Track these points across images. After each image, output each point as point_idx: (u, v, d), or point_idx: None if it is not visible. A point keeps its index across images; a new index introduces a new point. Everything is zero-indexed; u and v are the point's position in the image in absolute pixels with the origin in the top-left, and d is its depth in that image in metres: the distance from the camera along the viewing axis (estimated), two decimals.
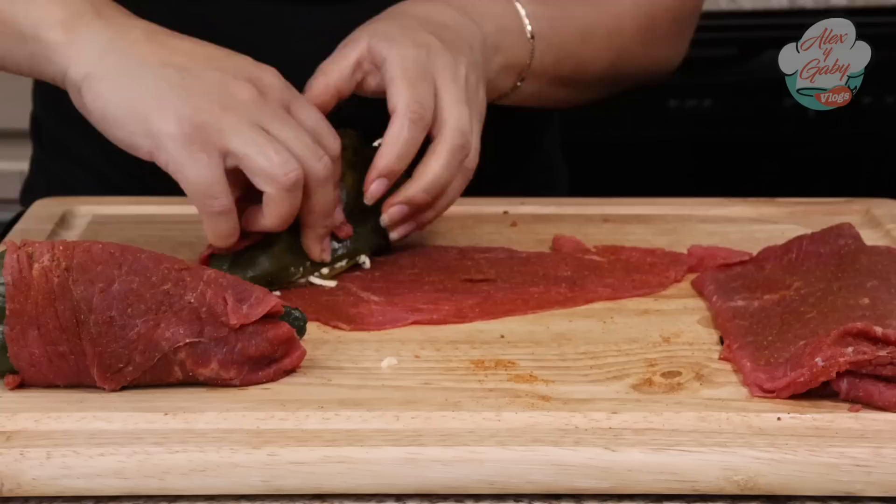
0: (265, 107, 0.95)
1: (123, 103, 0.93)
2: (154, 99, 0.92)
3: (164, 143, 0.92)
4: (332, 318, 0.94)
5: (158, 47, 0.95)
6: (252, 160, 0.92)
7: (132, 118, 0.93)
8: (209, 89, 0.93)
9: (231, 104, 0.93)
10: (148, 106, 0.92)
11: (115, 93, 0.93)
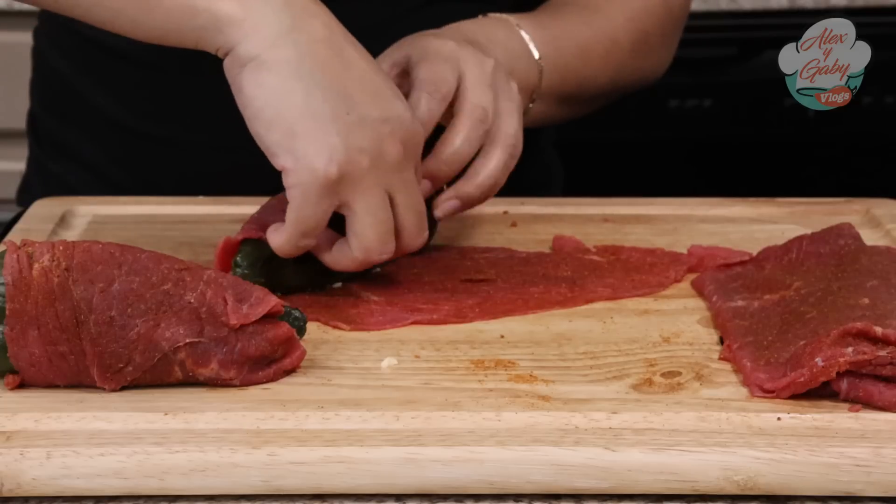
0: (403, 172, 0.93)
1: (282, 109, 0.89)
2: (313, 122, 0.89)
3: (301, 172, 0.89)
4: (332, 318, 0.94)
5: (334, 56, 0.92)
6: (361, 226, 0.92)
7: (283, 129, 0.89)
8: (365, 139, 0.91)
9: (378, 164, 0.91)
10: (304, 128, 0.89)
11: (276, 93, 0.89)
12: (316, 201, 0.90)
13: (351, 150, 0.90)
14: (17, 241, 0.83)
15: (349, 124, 0.90)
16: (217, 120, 1.21)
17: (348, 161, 0.90)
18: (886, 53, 1.50)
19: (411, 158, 0.94)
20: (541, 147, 1.37)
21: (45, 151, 1.32)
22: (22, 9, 1.98)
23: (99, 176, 1.28)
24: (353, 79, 0.92)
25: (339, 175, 0.89)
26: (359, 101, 0.91)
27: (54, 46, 1.28)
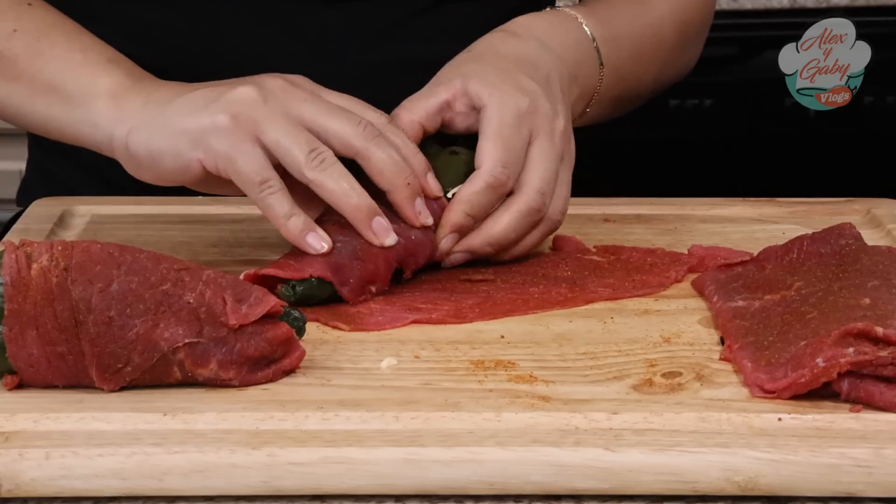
0: (298, 93, 0.96)
1: (165, 132, 0.96)
2: (191, 114, 0.96)
3: (210, 144, 0.94)
4: (332, 318, 0.94)
5: (185, 87, 0.99)
6: (285, 151, 0.94)
7: (176, 139, 0.96)
8: (238, 88, 0.96)
9: (265, 94, 0.95)
10: (187, 121, 0.96)
11: (156, 128, 0.97)
12: (236, 152, 0.94)
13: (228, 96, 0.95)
14: (16, 241, 0.83)
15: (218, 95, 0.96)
16: None
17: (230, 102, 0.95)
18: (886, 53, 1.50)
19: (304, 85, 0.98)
20: None
21: (46, 153, 1.32)
22: None
23: (98, 174, 1.27)
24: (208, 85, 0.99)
25: (230, 116, 0.94)
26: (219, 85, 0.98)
27: None
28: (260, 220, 1.14)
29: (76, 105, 1.01)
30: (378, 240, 0.96)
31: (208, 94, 0.97)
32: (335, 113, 0.96)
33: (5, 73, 1.04)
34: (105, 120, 0.99)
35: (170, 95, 0.99)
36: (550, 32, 1.10)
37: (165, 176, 0.98)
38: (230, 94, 0.95)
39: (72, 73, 1.02)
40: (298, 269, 0.95)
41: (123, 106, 0.99)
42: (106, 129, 0.99)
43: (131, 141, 0.97)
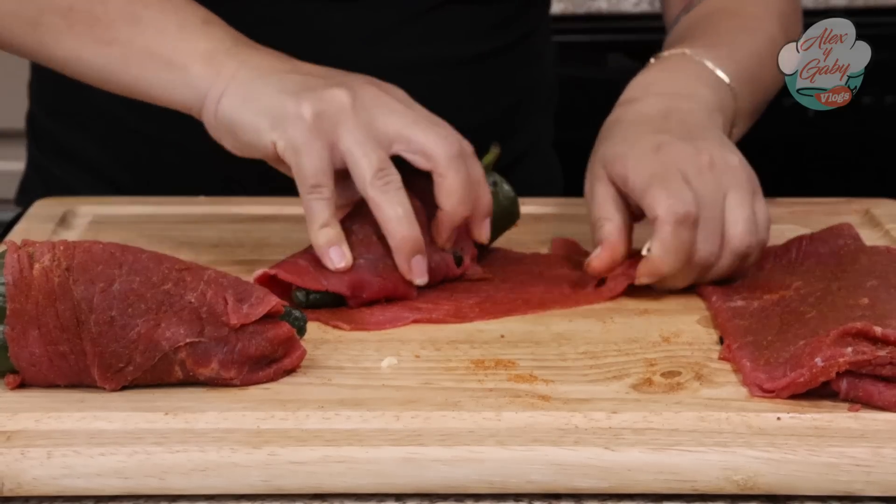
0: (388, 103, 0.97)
1: (252, 105, 0.97)
2: (280, 95, 0.97)
3: (287, 130, 0.95)
4: (332, 317, 0.94)
5: (283, 62, 1.00)
6: (354, 162, 0.95)
7: (260, 116, 0.97)
8: (334, 83, 0.97)
9: (356, 99, 0.96)
10: (275, 102, 0.97)
11: (245, 99, 0.98)
12: (307, 148, 0.94)
13: (320, 92, 0.96)
14: (18, 241, 0.83)
15: (311, 86, 0.97)
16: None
17: (320, 99, 0.96)
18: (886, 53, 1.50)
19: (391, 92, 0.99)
20: (541, 147, 1.37)
21: (45, 153, 1.32)
22: None
23: (98, 174, 1.27)
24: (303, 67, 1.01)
25: (313, 113, 0.95)
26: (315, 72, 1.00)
27: None
28: (261, 221, 1.15)
29: (173, 69, 1.01)
30: (411, 276, 0.97)
31: (304, 81, 0.98)
32: (422, 124, 0.97)
33: (100, 38, 1.03)
34: (201, 82, 1.00)
35: (266, 67, 0.99)
36: (679, 88, 1.07)
37: (243, 147, 0.99)
38: (324, 92, 0.96)
39: (168, 38, 1.01)
40: (316, 279, 0.95)
41: (219, 69, 0.99)
42: (200, 91, 1.00)
43: (222, 105, 0.98)
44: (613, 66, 2.00)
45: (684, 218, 0.95)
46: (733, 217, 0.97)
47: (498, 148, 1.05)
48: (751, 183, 0.99)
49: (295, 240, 1.09)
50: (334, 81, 0.98)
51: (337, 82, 0.98)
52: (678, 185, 0.96)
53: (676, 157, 0.98)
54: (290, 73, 0.99)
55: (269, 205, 1.18)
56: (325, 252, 0.96)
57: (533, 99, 1.33)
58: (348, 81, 0.98)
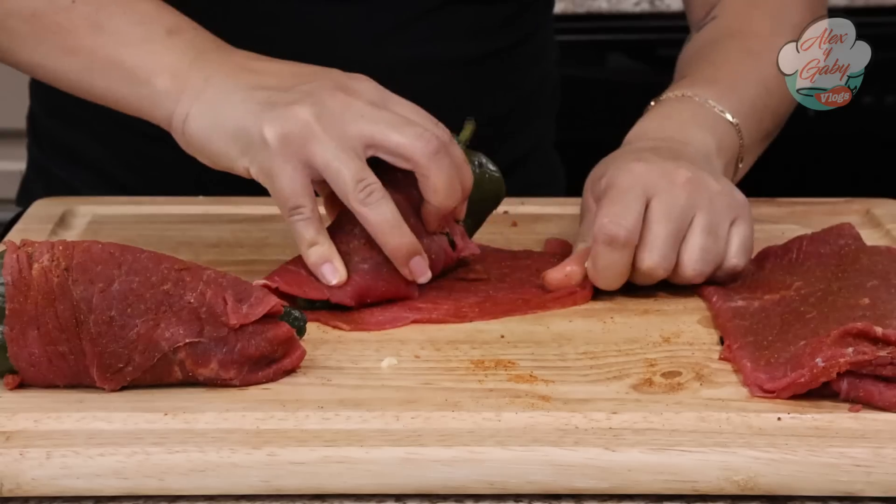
0: (356, 107, 0.95)
1: (219, 131, 0.96)
2: (245, 120, 0.95)
3: (256, 157, 0.94)
4: (332, 318, 0.94)
5: (248, 74, 0.98)
6: (334, 176, 0.94)
7: (229, 143, 0.96)
8: (298, 99, 0.95)
9: (320, 113, 0.94)
10: (240, 127, 0.95)
11: (212, 125, 0.96)
12: (278, 171, 0.94)
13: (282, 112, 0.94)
14: (17, 241, 0.83)
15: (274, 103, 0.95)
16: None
17: (284, 119, 0.94)
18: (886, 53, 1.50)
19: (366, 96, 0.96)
20: (542, 148, 1.37)
21: (46, 153, 1.32)
22: None
23: (99, 173, 1.27)
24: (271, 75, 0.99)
25: (279, 135, 0.93)
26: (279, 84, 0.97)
27: None
28: (261, 221, 1.14)
29: (137, 82, 1.00)
30: (413, 277, 0.97)
31: (268, 98, 0.96)
32: (395, 125, 0.95)
33: (64, 46, 1.02)
34: (166, 99, 0.98)
35: (230, 83, 0.98)
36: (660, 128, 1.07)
37: (219, 168, 0.98)
38: (286, 111, 0.94)
39: (132, 50, 1.00)
40: (319, 289, 0.95)
41: (183, 86, 0.98)
42: (166, 109, 0.98)
43: (188, 127, 0.97)
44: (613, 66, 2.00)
45: (611, 240, 0.95)
46: (690, 243, 0.97)
47: (473, 122, 1.03)
48: (730, 209, 0.98)
49: (295, 240, 1.09)
50: (298, 95, 0.96)
51: (300, 95, 0.95)
52: (624, 204, 0.96)
53: (650, 172, 0.97)
54: (254, 89, 0.97)
55: (269, 205, 1.17)
56: (317, 269, 0.95)
57: (536, 99, 1.33)
58: (314, 91, 0.96)
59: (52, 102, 1.30)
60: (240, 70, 0.99)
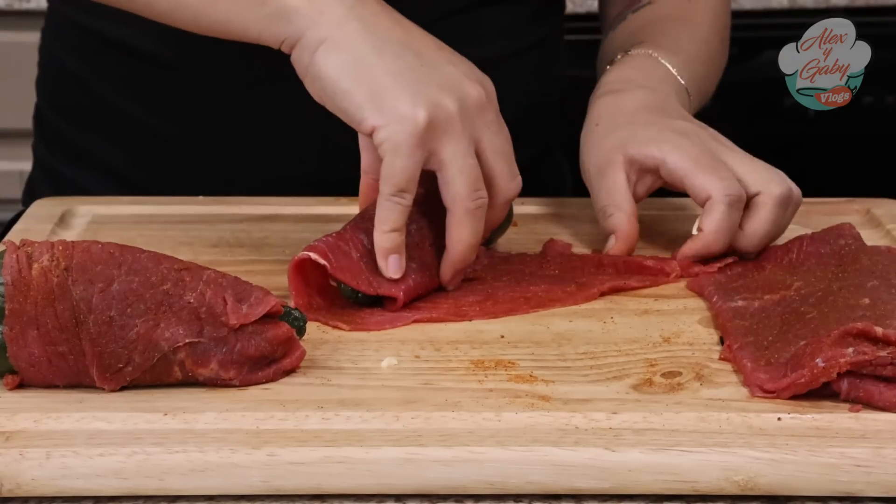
0: (487, 115, 0.96)
1: (358, 76, 0.93)
2: (391, 77, 0.93)
3: (391, 125, 0.92)
4: (332, 317, 0.94)
5: (395, 24, 0.96)
6: (451, 174, 0.93)
7: (365, 91, 0.92)
8: (445, 84, 0.94)
9: (462, 108, 0.94)
10: (384, 83, 0.92)
11: (351, 64, 0.93)
12: (408, 152, 0.92)
13: (434, 95, 0.93)
14: (17, 241, 0.83)
15: (425, 74, 0.93)
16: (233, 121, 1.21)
17: (434, 105, 0.92)
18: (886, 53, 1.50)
19: (492, 101, 0.97)
20: (551, 153, 1.37)
21: (55, 154, 1.32)
22: (22, 8, 1.98)
23: (105, 168, 1.27)
24: (416, 38, 0.96)
25: (427, 120, 0.92)
26: (428, 53, 0.95)
27: (68, 47, 1.28)
28: (261, 221, 1.14)
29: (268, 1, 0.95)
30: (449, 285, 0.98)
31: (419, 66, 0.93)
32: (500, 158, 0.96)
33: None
34: (299, 17, 0.94)
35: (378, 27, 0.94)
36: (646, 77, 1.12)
37: (330, 106, 0.94)
38: (436, 95, 0.92)
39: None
40: (370, 284, 0.94)
41: (322, 7, 0.94)
42: (298, 27, 0.94)
43: (320, 58, 0.93)
44: None
45: (737, 200, 1.01)
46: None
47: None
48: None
49: (294, 240, 1.09)
50: (446, 79, 0.94)
51: (449, 81, 0.94)
52: (725, 169, 1.02)
53: (707, 142, 1.04)
54: (405, 46, 0.94)
55: (268, 205, 1.18)
56: (383, 256, 0.94)
57: (548, 103, 1.33)
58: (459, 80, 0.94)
59: (62, 102, 1.30)
60: (387, 17, 0.96)
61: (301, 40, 0.94)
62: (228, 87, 1.20)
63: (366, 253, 0.95)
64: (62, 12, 1.27)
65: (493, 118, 0.96)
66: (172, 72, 1.21)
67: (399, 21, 0.97)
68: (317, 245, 0.94)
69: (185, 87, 1.21)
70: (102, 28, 1.22)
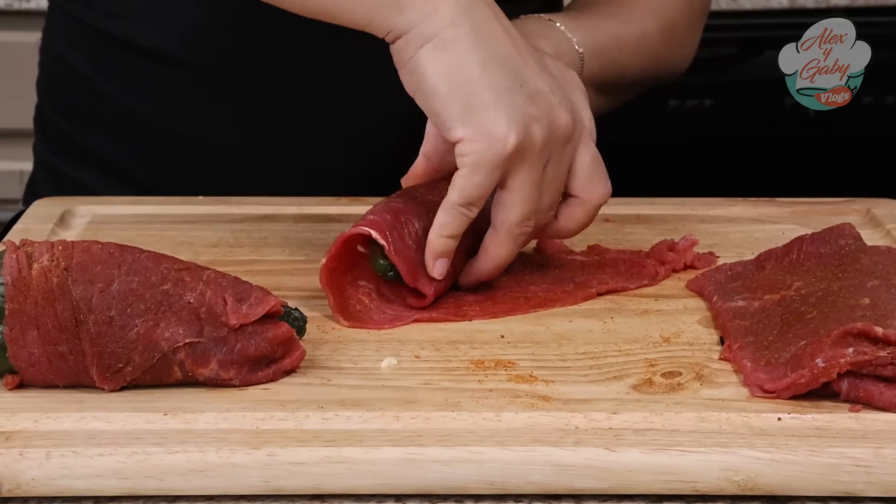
0: (565, 148, 0.95)
1: (460, 83, 0.92)
2: (492, 95, 0.91)
3: (480, 142, 0.91)
4: (337, 307, 0.94)
5: (505, 35, 0.95)
6: (511, 199, 0.93)
7: (462, 102, 0.92)
8: (540, 111, 0.93)
9: (551, 136, 0.93)
10: (483, 100, 0.91)
11: (454, 68, 0.92)
12: (489, 171, 0.92)
13: (528, 121, 0.92)
14: (17, 241, 0.83)
15: (525, 96, 0.93)
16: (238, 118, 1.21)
17: (526, 132, 0.92)
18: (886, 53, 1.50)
19: (576, 133, 0.96)
20: None
21: (58, 154, 1.31)
22: (21, 8, 1.98)
23: (106, 167, 1.27)
24: (523, 54, 0.95)
25: (516, 145, 0.91)
26: (530, 75, 0.94)
27: (73, 46, 1.27)
28: (261, 221, 1.14)
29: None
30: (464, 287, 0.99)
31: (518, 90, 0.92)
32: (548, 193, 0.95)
33: None
34: (412, 9, 0.93)
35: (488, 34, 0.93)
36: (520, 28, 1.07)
37: (425, 110, 0.94)
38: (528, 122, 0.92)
39: None
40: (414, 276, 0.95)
41: (437, 4, 0.92)
42: (409, 19, 0.93)
43: (425, 55, 0.92)
44: None
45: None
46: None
47: None
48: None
49: (295, 240, 1.09)
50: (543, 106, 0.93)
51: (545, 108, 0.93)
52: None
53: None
54: (509, 63, 0.93)
55: (268, 205, 1.18)
56: (433, 257, 0.94)
57: None
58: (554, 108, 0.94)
59: (65, 102, 1.30)
60: (499, 24, 0.95)
61: (409, 32, 0.93)
62: (237, 84, 1.20)
63: (416, 240, 0.95)
64: (67, 11, 1.27)
65: (562, 154, 0.95)
66: (179, 69, 1.21)
67: (508, 31, 0.95)
68: (375, 221, 0.93)
69: (193, 84, 1.21)
70: (109, 26, 1.22)
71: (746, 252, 1.05)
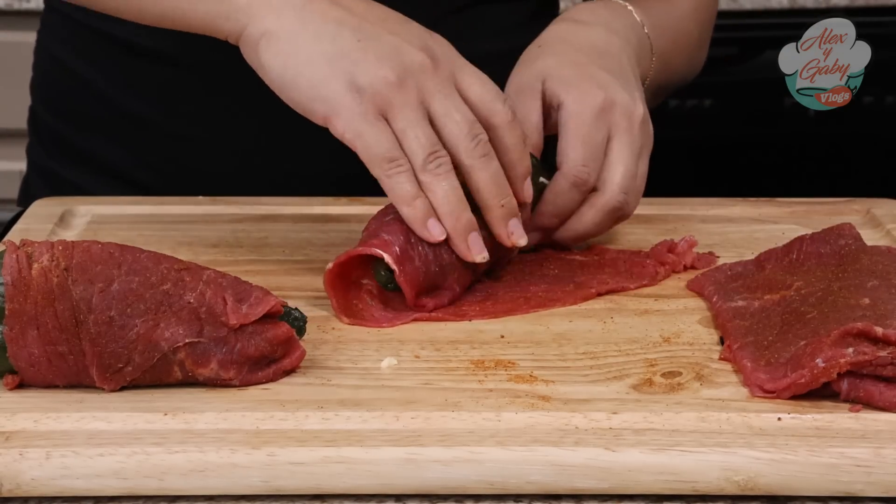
0: (434, 78, 0.95)
1: (300, 66, 0.93)
2: (328, 64, 0.93)
3: (340, 111, 0.92)
4: (340, 305, 0.94)
5: (333, 5, 0.95)
6: (406, 142, 0.93)
7: (307, 82, 0.93)
8: (384, 55, 0.93)
9: (404, 75, 0.93)
10: (322, 71, 0.92)
11: (291, 54, 0.93)
12: (369, 129, 0.92)
13: (371, 70, 0.92)
14: (17, 241, 0.83)
15: (362, 49, 0.93)
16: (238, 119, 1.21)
17: (373, 78, 0.92)
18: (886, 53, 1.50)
19: (444, 64, 0.96)
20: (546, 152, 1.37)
21: (52, 154, 1.31)
22: (20, 8, 1.98)
23: (101, 168, 1.27)
24: (356, 14, 0.95)
25: (370, 96, 0.92)
26: (366, 28, 0.94)
27: (69, 47, 1.27)
28: (261, 221, 1.14)
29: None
30: (471, 255, 0.96)
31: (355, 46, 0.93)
32: (456, 116, 0.95)
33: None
34: (237, 12, 0.95)
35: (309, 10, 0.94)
36: (612, 17, 1.11)
37: (291, 105, 0.94)
38: (369, 68, 0.92)
39: None
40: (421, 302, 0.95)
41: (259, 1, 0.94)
42: (237, 23, 0.95)
43: (263, 52, 0.94)
44: None
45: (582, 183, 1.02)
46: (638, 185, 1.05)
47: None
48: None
49: (295, 240, 1.09)
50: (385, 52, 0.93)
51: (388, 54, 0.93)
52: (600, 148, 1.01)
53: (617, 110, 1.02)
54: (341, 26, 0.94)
55: (268, 205, 1.18)
56: (422, 226, 0.94)
57: None
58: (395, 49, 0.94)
59: (61, 103, 1.29)
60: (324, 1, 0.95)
61: (243, 35, 0.95)
62: (235, 82, 1.20)
63: (425, 262, 0.95)
64: (63, 12, 1.26)
65: (441, 81, 0.95)
66: (178, 68, 1.21)
67: (337, 2, 0.96)
68: (388, 242, 0.93)
69: (191, 83, 1.21)
70: (107, 27, 1.22)
71: (746, 252, 1.05)
